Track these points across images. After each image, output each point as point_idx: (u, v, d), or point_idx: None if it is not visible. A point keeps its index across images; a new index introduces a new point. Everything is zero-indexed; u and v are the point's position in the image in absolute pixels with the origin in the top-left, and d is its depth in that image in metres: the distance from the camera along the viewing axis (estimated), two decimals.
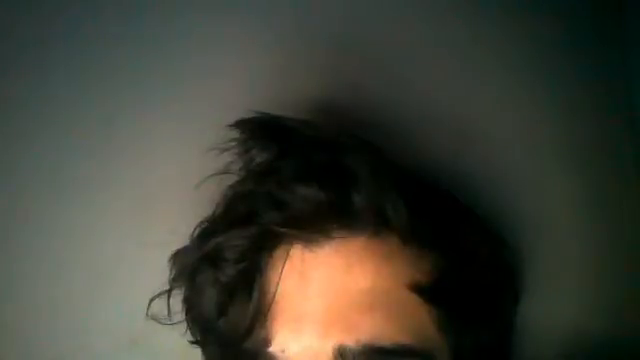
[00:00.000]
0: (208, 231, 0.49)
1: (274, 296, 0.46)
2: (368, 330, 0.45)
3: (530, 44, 0.57)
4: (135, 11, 0.57)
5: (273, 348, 0.46)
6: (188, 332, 0.51)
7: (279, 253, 0.47)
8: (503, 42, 0.57)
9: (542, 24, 0.57)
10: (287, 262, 0.47)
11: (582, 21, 0.58)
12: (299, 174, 0.46)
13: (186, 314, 0.50)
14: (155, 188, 0.56)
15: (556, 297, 0.55)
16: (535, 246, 0.55)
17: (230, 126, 0.49)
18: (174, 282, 0.50)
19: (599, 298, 0.56)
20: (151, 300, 0.51)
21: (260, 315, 0.46)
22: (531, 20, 0.57)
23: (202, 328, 0.50)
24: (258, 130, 0.49)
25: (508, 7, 0.57)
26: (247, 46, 0.57)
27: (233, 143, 0.49)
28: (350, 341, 0.44)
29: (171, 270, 0.50)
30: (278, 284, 0.46)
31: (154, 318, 0.51)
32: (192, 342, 0.50)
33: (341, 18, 0.57)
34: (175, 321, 0.51)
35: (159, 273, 0.50)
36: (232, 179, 0.50)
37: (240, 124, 0.49)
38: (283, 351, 0.45)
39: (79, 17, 0.58)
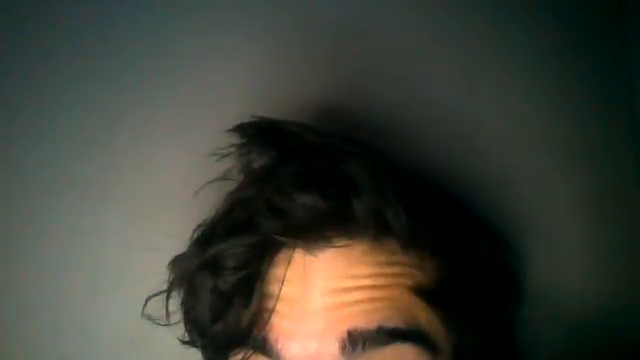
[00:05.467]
0: (207, 237, 0.49)
1: (276, 301, 0.46)
2: (373, 316, 0.44)
3: (530, 44, 0.57)
4: (135, 16, 0.57)
5: (272, 350, 0.46)
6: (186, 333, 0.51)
7: (280, 258, 0.47)
8: (503, 43, 0.57)
9: (542, 24, 0.57)
10: (288, 268, 0.46)
11: (582, 21, 0.58)
12: (298, 181, 0.46)
13: (184, 317, 0.50)
14: (155, 193, 0.57)
15: (556, 298, 0.56)
16: (535, 247, 0.55)
17: (230, 131, 0.49)
18: (172, 286, 0.50)
19: (600, 299, 0.56)
20: (147, 299, 0.51)
21: (259, 320, 0.46)
22: (531, 20, 0.57)
23: (199, 331, 0.50)
24: (258, 135, 0.49)
25: (508, 8, 0.57)
26: (247, 50, 0.57)
27: (233, 148, 0.49)
28: (361, 324, 0.44)
29: (170, 276, 0.50)
30: (281, 289, 0.46)
31: (151, 319, 0.51)
32: (189, 343, 0.50)
33: (341, 21, 0.57)
34: (173, 322, 0.50)
35: (159, 276, 0.50)
36: (232, 185, 0.50)
37: (240, 129, 0.49)
38: (281, 352, 0.45)
39: (80, 21, 0.58)
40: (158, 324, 0.51)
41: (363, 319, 0.44)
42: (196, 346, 0.50)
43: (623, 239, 0.57)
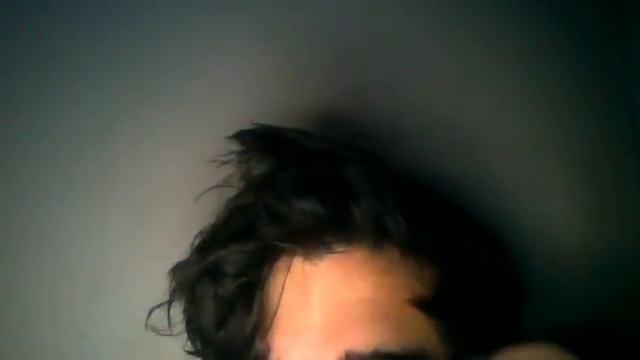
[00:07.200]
0: (207, 244, 0.49)
1: (276, 309, 0.46)
2: (370, 339, 0.45)
3: (529, 46, 0.57)
4: (136, 19, 0.57)
5: (272, 359, 0.46)
6: (188, 342, 0.51)
7: (280, 266, 0.47)
8: (502, 47, 0.57)
9: (542, 26, 0.57)
10: (288, 275, 0.47)
11: (582, 21, 0.57)
12: (297, 188, 0.46)
13: (186, 325, 0.50)
14: (155, 199, 0.56)
15: (556, 301, 0.56)
16: (535, 253, 0.55)
17: (230, 138, 0.49)
18: (174, 295, 0.50)
19: (600, 301, 0.56)
20: (151, 311, 0.51)
21: (260, 328, 0.47)
22: (531, 22, 0.57)
23: (202, 340, 0.50)
24: (257, 141, 0.49)
25: (508, 10, 0.57)
26: (248, 58, 0.57)
27: (233, 155, 0.49)
28: (358, 347, 0.44)
29: (171, 283, 0.50)
30: (280, 297, 0.47)
31: (154, 329, 0.51)
32: (192, 353, 0.51)
33: (342, 29, 0.57)
34: (175, 332, 0.51)
35: (160, 281, 0.50)
36: (232, 191, 0.50)
37: (240, 135, 0.49)
38: None
39: (80, 22, 0.57)
40: (163, 335, 0.51)
41: (361, 341, 0.44)
42: (199, 356, 0.51)
43: (623, 240, 0.57)
